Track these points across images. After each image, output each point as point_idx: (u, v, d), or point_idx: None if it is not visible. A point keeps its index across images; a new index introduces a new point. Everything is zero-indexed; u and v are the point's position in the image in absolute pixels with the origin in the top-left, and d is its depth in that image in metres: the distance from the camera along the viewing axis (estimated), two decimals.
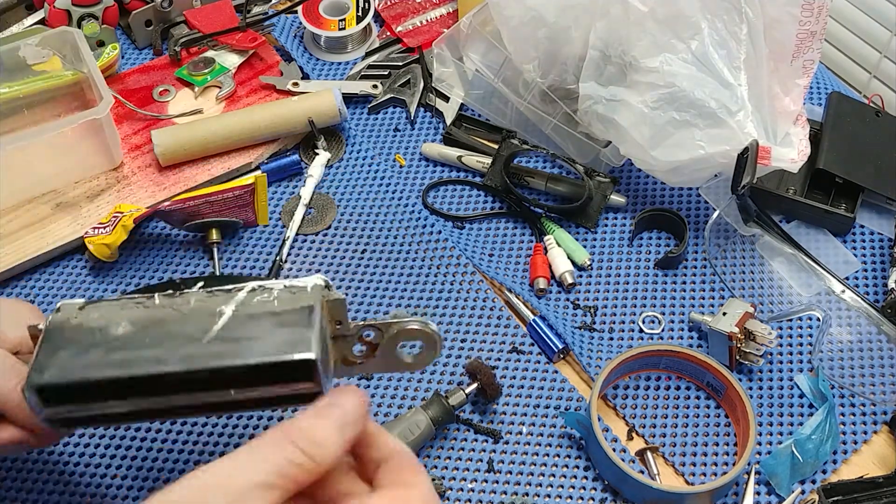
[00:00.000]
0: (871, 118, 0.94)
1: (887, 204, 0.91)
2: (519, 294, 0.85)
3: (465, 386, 0.76)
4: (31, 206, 0.90)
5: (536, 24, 0.89)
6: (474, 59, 0.97)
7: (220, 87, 1.01)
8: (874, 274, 0.87)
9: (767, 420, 0.77)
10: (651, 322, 0.84)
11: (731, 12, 0.83)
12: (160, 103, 1.00)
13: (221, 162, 0.95)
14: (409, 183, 0.95)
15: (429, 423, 0.74)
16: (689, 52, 0.83)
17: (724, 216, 0.84)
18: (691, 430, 0.77)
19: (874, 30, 1.07)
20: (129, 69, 1.04)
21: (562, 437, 0.77)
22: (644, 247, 0.90)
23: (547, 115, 0.93)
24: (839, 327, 0.82)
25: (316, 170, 0.94)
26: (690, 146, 0.83)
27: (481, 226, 0.92)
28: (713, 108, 0.82)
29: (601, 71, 0.87)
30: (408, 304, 0.85)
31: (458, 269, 0.87)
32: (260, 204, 0.91)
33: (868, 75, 1.10)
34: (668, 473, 0.75)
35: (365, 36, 1.09)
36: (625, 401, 0.79)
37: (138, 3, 1.05)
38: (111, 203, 0.91)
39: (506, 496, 0.73)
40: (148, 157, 0.95)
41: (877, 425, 0.77)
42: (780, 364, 0.81)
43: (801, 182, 0.91)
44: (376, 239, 0.90)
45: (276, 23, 1.08)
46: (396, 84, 1.03)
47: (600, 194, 0.91)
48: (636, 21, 0.83)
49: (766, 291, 0.86)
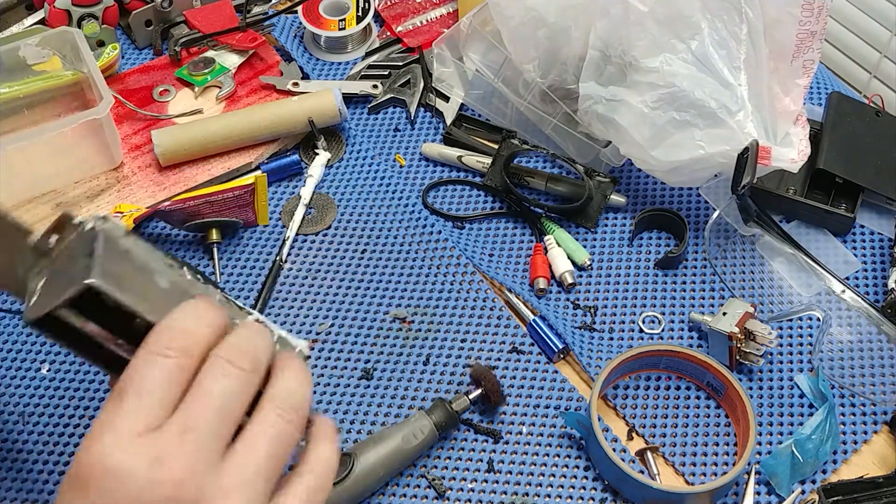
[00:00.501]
0: (871, 118, 0.94)
1: (887, 204, 0.91)
2: (519, 294, 0.85)
3: (469, 392, 0.76)
4: (31, 206, 0.90)
5: (536, 24, 0.89)
6: (474, 59, 0.97)
7: (220, 87, 1.01)
8: (874, 274, 0.87)
9: (767, 420, 0.77)
10: (651, 322, 0.84)
11: (731, 12, 0.83)
12: (160, 103, 1.00)
13: (221, 162, 0.95)
14: (409, 183, 0.95)
15: (432, 428, 0.74)
16: (689, 52, 0.83)
17: (724, 216, 0.84)
18: (691, 430, 0.77)
19: (874, 30, 1.07)
20: (129, 69, 1.04)
21: (562, 437, 0.77)
22: (644, 247, 0.90)
23: (547, 115, 0.93)
24: (839, 327, 0.82)
25: (316, 170, 0.94)
26: (690, 146, 0.83)
27: (481, 226, 0.92)
28: (713, 108, 0.82)
29: (601, 71, 0.87)
30: (408, 304, 0.85)
31: (458, 269, 0.87)
32: (260, 204, 0.90)
33: (868, 75, 1.10)
34: (668, 473, 0.75)
35: (365, 36, 1.09)
36: (625, 401, 0.79)
37: (138, 3, 1.05)
38: (111, 203, 0.91)
39: (506, 496, 0.73)
40: (148, 157, 0.95)
41: (877, 425, 0.77)
42: (780, 364, 0.81)
43: (801, 182, 0.91)
44: (376, 239, 0.90)
45: (276, 23, 1.08)
46: (396, 84, 1.03)
47: (600, 194, 0.91)
48: (636, 21, 0.83)
49: (766, 291, 0.86)
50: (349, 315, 0.85)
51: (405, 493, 0.74)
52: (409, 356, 0.82)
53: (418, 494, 0.74)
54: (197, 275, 0.55)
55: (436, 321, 0.84)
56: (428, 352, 0.82)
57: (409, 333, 0.83)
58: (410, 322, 0.84)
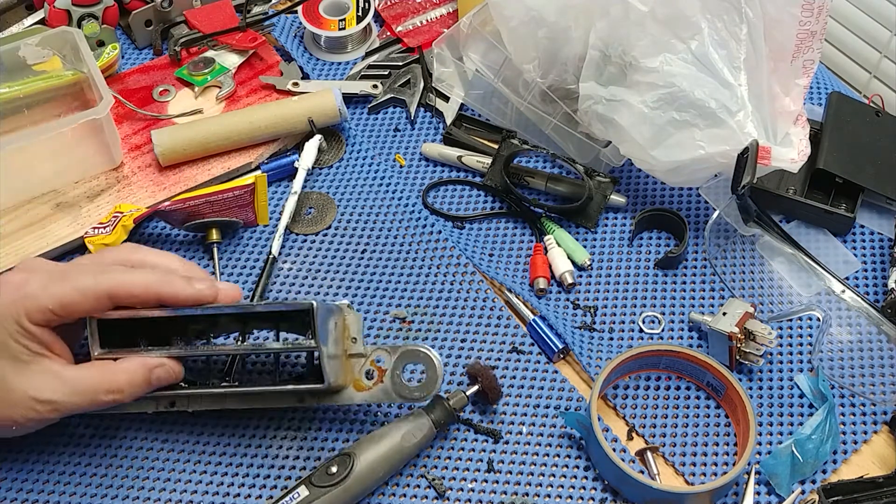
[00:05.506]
0: (871, 118, 0.94)
1: (887, 204, 0.91)
2: (519, 294, 0.85)
3: (466, 388, 0.76)
4: (31, 206, 0.90)
5: (536, 24, 0.89)
6: (474, 59, 0.97)
7: (220, 87, 1.01)
8: (874, 274, 0.87)
9: (767, 420, 0.77)
10: (651, 322, 0.84)
11: (731, 12, 0.83)
12: (160, 103, 1.00)
13: (221, 162, 0.95)
14: (409, 183, 0.95)
15: (431, 426, 0.74)
16: (689, 52, 0.83)
17: (724, 216, 0.84)
18: (691, 430, 0.77)
19: (874, 30, 1.07)
20: (129, 69, 1.04)
21: (562, 437, 0.77)
22: (644, 247, 0.90)
23: (547, 115, 0.93)
24: (839, 327, 0.82)
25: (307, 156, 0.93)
26: (690, 146, 0.83)
27: (481, 226, 0.92)
28: (713, 108, 0.82)
29: (601, 71, 0.87)
30: (408, 304, 0.85)
31: (458, 269, 0.87)
32: (260, 204, 0.91)
33: (868, 75, 1.10)
34: (668, 473, 0.75)
35: (365, 36, 1.09)
36: (625, 401, 0.79)
37: (138, 3, 1.05)
38: (111, 203, 0.91)
39: (506, 496, 0.73)
40: (148, 157, 0.95)
41: (877, 425, 0.77)
42: (780, 364, 0.81)
43: (801, 182, 0.91)
44: (376, 239, 0.90)
45: (276, 23, 1.08)
46: (396, 84, 1.03)
47: (600, 194, 0.91)
48: (636, 21, 0.83)
49: (766, 291, 0.86)
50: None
51: (405, 493, 0.74)
52: None
53: (418, 494, 0.74)
54: None
55: (436, 321, 0.84)
56: None
57: (409, 333, 0.83)
58: (410, 322, 0.84)
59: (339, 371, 0.72)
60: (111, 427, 0.77)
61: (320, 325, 0.69)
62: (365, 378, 0.73)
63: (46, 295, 0.67)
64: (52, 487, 0.74)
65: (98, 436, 0.77)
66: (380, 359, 0.73)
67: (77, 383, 0.68)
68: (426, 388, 0.73)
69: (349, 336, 0.73)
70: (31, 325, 0.67)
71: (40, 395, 0.67)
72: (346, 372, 0.73)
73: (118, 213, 0.87)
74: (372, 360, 0.73)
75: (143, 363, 0.70)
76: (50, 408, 0.67)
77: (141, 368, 0.69)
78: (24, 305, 0.67)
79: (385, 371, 0.73)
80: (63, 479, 0.75)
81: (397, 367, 0.72)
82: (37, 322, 0.67)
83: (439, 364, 0.72)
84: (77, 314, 0.68)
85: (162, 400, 0.73)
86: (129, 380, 0.69)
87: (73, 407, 0.68)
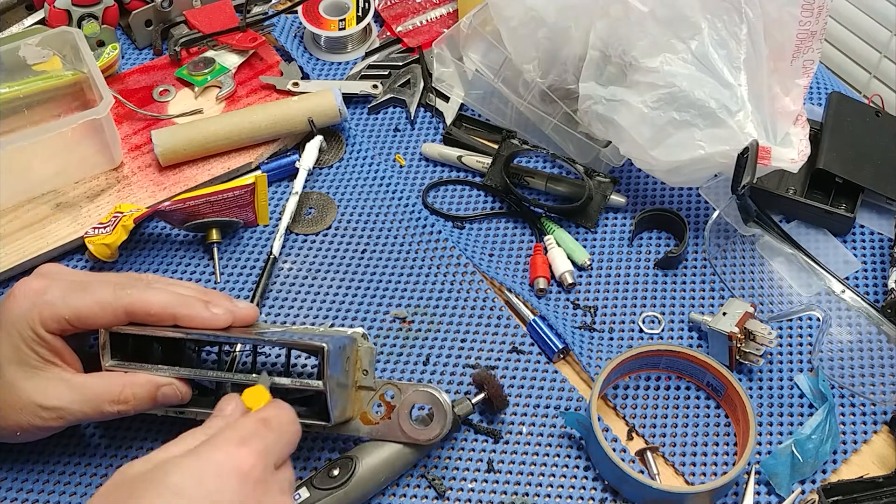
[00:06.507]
0: (871, 118, 0.94)
1: (887, 204, 0.91)
2: (519, 294, 0.85)
3: (472, 396, 0.76)
4: (31, 206, 0.90)
5: (536, 24, 0.89)
6: (474, 59, 0.97)
7: (220, 87, 1.01)
8: (874, 274, 0.87)
9: (767, 420, 0.77)
10: (651, 322, 0.84)
11: (731, 12, 0.83)
12: (160, 103, 1.00)
13: (221, 162, 0.95)
14: (409, 183, 0.95)
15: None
16: (689, 52, 0.83)
17: (724, 216, 0.84)
18: (691, 430, 0.77)
19: (874, 30, 1.07)
20: (129, 69, 1.04)
21: (562, 437, 0.77)
22: (644, 247, 0.90)
23: (547, 115, 0.93)
24: (839, 327, 0.82)
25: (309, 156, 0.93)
26: (690, 146, 0.83)
27: (481, 226, 0.92)
28: (713, 108, 0.82)
29: (601, 71, 0.87)
30: (408, 304, 0.85)
31: (458, 269, 0.87)
32: (260, 204, 0.91)
33: (868, 75, 1.10)
34: (668, 473, 0.75)
35: (365, 36, 1.09)
36: (625, 401, 0.79)
37: (138, 3, 1.05)
38: (111, 203, 0.91)
39: (506, 496, 0.73)
40: (148, 157, 0.95)
41: (877, 425, 0.77)
42: (780, 364, 0.81)
43: (801, 182, 0.91)
44: (376, 239, 0.90)
45: (276, 23, 1.08)
46: (396, 84, 1.03)
47: (600, 194, 0.91)
48: (636, 21, 0.83)
49: (766, 291, 0.86)
50: (349, 315, 0.85)
51: (405, 494, 0.74)
52: (409, 356, 0.82)
53: (418, 494, 0.74)
54: None
55: (436, 321, 0.84)
56: (428, 352, 0.82)
57: (409, 333, 0.83)
58: (410, 322, 0.84)
59: (346, 403, 0.71)
60: (114, 427, 0.77)
61: (331, 365, 0.67)
62: (373, 412, 0.72)
63: (64, 304, 0.67)
64: (52, 487, 0.74)
65: (100, 436, 0.77)
66: (389, 393, 0.72)
67: (83, 392, 0.68)
68: (432, 430, 0.71)
69: (361, 367, 0.72)
70: (45, 332, 0.67)
71: (46, 402, 0.67)
72: (354, 402, 0.72)
73: (118, 213, 0.87)
74: (381, 394, 0.72)
75: (151, 380, 0.69)
76: (55, 415, 0.67)
77: (148, 385, 0.69)
78: (41, 312, 0.67)
79: (394, 408, 0.72)
80: (63, 479, 0.75)
81: (406, 406, 0.72)
82: (51, 330, 0.67)
83: (448, 409, 0.71)
84: (92, 326, 0.68)
85: (171, 407, 0.73)
86: (135, 394, 0.69)
87: (78, 415, 0.68)
